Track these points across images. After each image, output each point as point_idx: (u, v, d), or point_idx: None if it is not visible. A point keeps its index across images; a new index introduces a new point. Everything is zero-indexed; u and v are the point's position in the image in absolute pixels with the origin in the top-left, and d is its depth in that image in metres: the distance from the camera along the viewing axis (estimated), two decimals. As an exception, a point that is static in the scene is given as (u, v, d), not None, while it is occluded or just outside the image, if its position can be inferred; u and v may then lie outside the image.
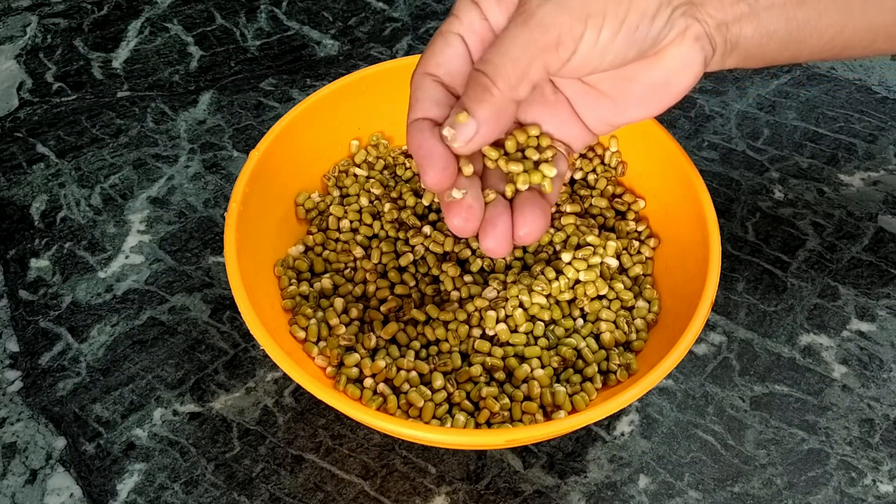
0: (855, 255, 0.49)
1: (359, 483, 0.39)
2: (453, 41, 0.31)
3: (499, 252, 0.31)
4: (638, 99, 0.31)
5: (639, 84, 0.31)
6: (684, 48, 0.29)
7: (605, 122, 0.33)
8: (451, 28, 0.31)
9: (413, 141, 0.30)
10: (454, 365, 0.38)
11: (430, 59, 0.31)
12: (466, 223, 0.31)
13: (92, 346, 0.45)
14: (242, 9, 0.65)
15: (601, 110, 0.33)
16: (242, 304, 0.35)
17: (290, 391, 0.43)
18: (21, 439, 0.41)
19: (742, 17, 0.29)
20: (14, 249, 0.49)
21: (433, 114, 0.31)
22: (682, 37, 0.29)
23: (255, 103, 0.57)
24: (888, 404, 0.42)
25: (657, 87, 0.31)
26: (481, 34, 0.31)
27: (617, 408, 0.33)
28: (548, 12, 0.27)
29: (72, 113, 0.57)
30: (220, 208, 0.51)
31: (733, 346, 0.45)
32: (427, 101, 0.31)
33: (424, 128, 0.30)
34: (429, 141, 0.30)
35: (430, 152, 0.30)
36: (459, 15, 0.31)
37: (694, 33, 0.29)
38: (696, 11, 0.29)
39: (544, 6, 0.27)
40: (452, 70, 0.31)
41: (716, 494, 0.39)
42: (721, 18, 0.29)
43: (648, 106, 0.32)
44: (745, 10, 0.29)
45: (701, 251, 0.38)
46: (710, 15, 0.29)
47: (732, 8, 0.29)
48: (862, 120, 0.56)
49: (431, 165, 0.30)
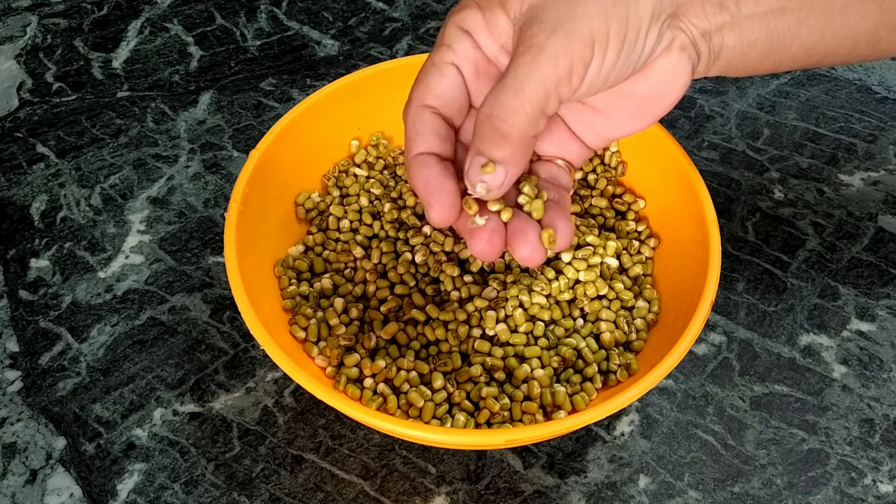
0: (855, 255, 0.49)
1: (359, 483, 0.39)
2: (448, 72, 0.30)
3: (535, 259, 0.30)
4: (631, 112, 0.31)
5: (631, 98, 0.31)
6: (672, 59, 0.29)
7: (600, 137, 0.33)
8: (445, 58, 0.30)
9: (419, 177, 0.29)
10: (454, 365, 0.38)
11: (427, 92, 0.30)
12: (492, 247, 0.30)
13: (92, 346, 0.45)
14: (242, 9, 0.65)
15: (596, 126, 0.33)
16: (242, 304, 0.35)
17: (290, 391, 0.43)
18: (21, 439, 0.41)
19: (724, 26, 0.29)
20: (14, 249, 0.49)
21: (436, 147, 0.30)
22: (669, 48, 0.29)
23: (255, 103, 0.57)
24: (888, 404, 0.42)
25: (649, 99, 0.31)
26: (475, 63, 0.30)
27: (617, 408, 0.33)
28: (558, 44, 0.27)
29: (72, 113, 0.57)
30: (220, 208, 0.51)
31: (733, 346, 0.45)
32: (428, 134, 0.30)
33: (431, 163, 0.30)
34: (437, 178, 0.29)
35: (440, 189, 0.29)
36: (452, 45, 0.30)
37: (680, 43, 0.29)
38: (680, 22, 0.29)
39: (553, 38, 0.27)
40: (449, 101, 0.30)
41: (716, 494, 0.39)
42: (704, 27, 0.29)
43: (641, 119, 0.32)
44: (726, 19, 0.29)
45: (701, 251, 0.38)
46: (694, 24, 0.29)
47: (714, 17, 0.29)
48: (862, 120, 0.56)
49: (440, 203, 0.29)
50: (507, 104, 0.27)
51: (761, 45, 0.30)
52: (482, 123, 0.28)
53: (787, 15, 0.30)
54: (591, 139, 0.34)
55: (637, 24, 0.27)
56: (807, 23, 0.30)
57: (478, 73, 0.31)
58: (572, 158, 0.34)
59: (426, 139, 0.30)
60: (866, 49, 0.32)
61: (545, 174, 0.34)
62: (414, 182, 0.30)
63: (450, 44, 0.30)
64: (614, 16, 0.27)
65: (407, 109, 0.31)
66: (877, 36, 0.31)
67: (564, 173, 0.34)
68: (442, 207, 0.29)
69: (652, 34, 0.28)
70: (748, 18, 0.30)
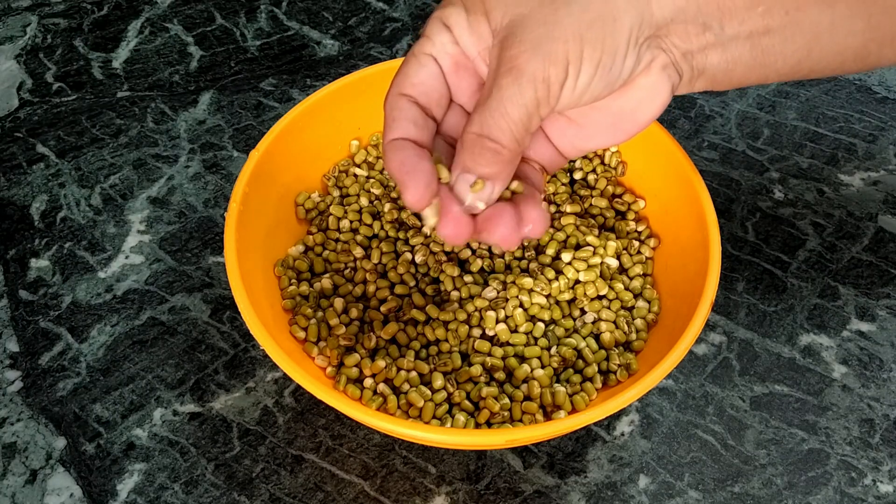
0: (855, 255, 0.49)
1: (359, 483, 0.39)
2: (426, 62, 0.31)
3: (511, 241, 0.31)
4: (606, 127, 0.32)
5: (607, 113, 0.31)
6: (651, 78, 0.29)
7: (574, 148, 0.34)
8: (424, 49, 0.31)
9: (395, 158, 0.30)
10: (454, 365, 0.38)
11: (405, 80, 0.31)
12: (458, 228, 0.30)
13: (92, 346, 0.45)
14: (242, 9, 0.65)
15: (570, 137, 0.33)
16: (242, 304, 0.35)
17: (290, 391, 0.43)
18: (21, 439, 0.41)
19: (707, 47, 0.29)
20: (14, 249, 0.49)
21: (412, 134, 0.31)
22: (649, 68, 0.29)
23: (255, 103, 0.57)
24: (888, 404, 0.42)
25: (625, 115, 0.31)
26: (454, 57, 0.31)
27: (617, 408, 0.33)
28: (537, 67, 0.27)
29: (72, 113, 0.57)
30: (220, 208, 0.51)
31: (733, 346, 0.45)
32: (404, 120, 0.31)
33: (405, 146, 0.30)
34: (411, 158, 0.30)
35: (414, 168, 0.29)
36: (431, 37, 0.31)
37: (660, 63, 0.29)
38: (662, 42, 0.29)
39: (533, 61, 0.27)
40: (427, 90, 0.31)
41: (716, 494, 0.39)
42: (686, 48, 0.29)
43: (616, 133, 0.32)
44: (710, 39, 0.29)
45: (701, 251, 0.38)
46: (676, 45, 0.29)
47: (697, 38, 0.29)
48: (862, 120, 0.56)
49: (414, 183, 0.29)
50: (495, 125, 0.28)
51: (746, 62, 0.30)
52: (471, 143, 0.29)
53: (772, 34, 0.29)
54: (566, 148, 0.34)
55: (613, 48, 0.28)
56: (793, 40, 0.30)
57: (457, 67, 0.31)
58: (546, 163, 0.35)
59: (402, 126, 0.31)
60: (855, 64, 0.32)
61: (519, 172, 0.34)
62: (389, 166, 0.30)
63: (430, 36, 0.31)
64: (589, 39, 0.27)
65: (386, 98, 0.32)
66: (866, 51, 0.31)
67: (538, 174, 0.35)
68: (416, 188, 0.29)
69: (630, 57, 0.28)
70: (732, 39, 0.29)
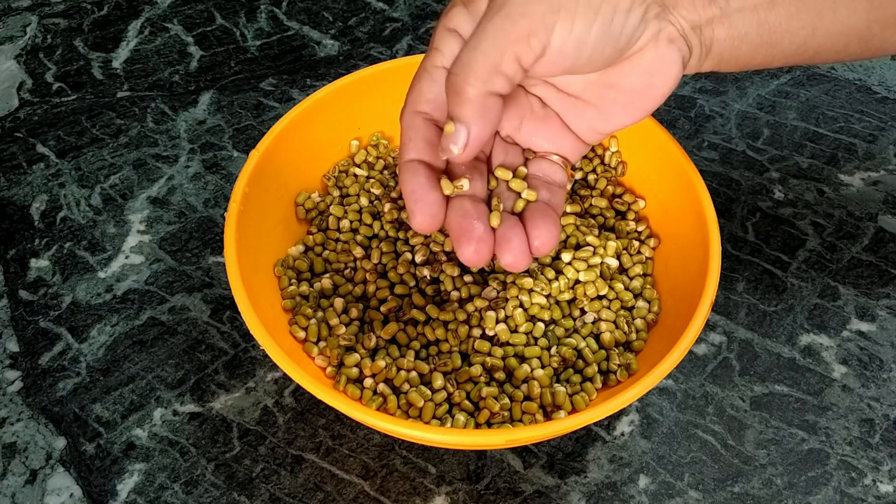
0: (855, 255, 0.49)
1: (359, 483, 0.39)
2: (438, 76, 0.31)
3: (518, 266, 0.31)
4: (622, 105, 0.32)
5: (621, 90, 0.31)
6: (660, 50, 0.30)
7: (594, 131, 0.34)
8: (435, 62, 0.31)
9: (407, 184, 0.31)
10: (454, 365, 0.38)
11: (419, 97, 0.31)
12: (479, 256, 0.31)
13: (92, 346, 0.45)
14: (242, 9, 0.65)
15: (589, 120, 0.33)
16: (242, 304, 0.35)
17: (290, 391, 0.43)
18: (21, 439, 0.41)
19: (714, 20, 0.30)
20: (14, 249, 0.49)
21: (426, 155, 0.31)
22: (657, 39, 0.29)
23: (255, 103, 0.57)
24: (888, 404, 0.42)
25: (639, 91, 0.31)
26: None
27: (617, 408, 0.33)
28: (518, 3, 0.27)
29: (72, 113, 0.57)
30: (220, 208, 0.51)
31: (733, 346, 0.45)
32: (419, 140, 0.31)
33: (419, 171, 0.31)
34: (423, 187, 0.31)
35: (424, 198, 0.30)
36: (440, 47, 0.31)
37: (668, 35, 0.29)
38: (669, 14, 0.29)
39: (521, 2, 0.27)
40: (442, 104, 0.31)
41: (716, 494, 0.39)
42: (694, 20, 0.30)
43: (634, 111, 0.32)
44: (716, 12, 0.30)
45: (701, 251, 0.38)
46: (683, 17, 0.30)
47: (704, 10, 0.30)
48: (862, 120, 0.56)
49: (421, 212, 0.30)
50: (462, 59, 0.28)
51: (752, 39, 0.31)
52: (447, 82, 0.29)
53: (776, 9, 0.30)
54: (585, 132, 0.34)
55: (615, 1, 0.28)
56: (797, 17, 0.30)
57: None
58: (567, 153, 0.35)
59: (417, 146, 0.31)
60: (859, 46, 0.32)
61: (539, 171, 0.35)
62: (401, 187, 0.31)
63: (438, 46, 0.31)
64: None
65: (402, 115, 0.32)
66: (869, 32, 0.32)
67: (559, 170, 0.35)
68: (423, 216, 0.31)
69: (634, 15, 0.28)
70: (738, 12, 0.30)
